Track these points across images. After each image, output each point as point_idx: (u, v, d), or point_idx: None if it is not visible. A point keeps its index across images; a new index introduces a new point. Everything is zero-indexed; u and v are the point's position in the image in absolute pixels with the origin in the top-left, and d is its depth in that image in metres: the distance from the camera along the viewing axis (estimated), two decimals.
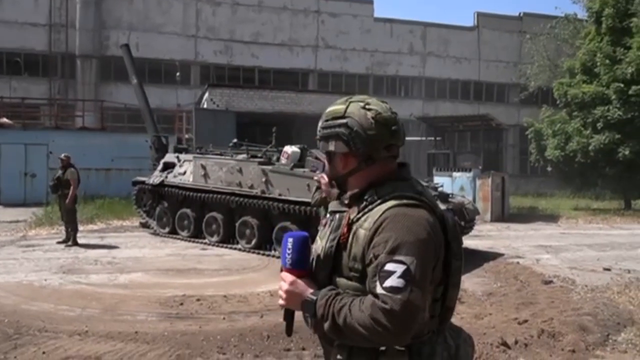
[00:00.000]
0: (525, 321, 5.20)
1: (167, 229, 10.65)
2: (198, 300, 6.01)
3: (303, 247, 1.52)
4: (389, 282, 1.34)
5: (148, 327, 5.04)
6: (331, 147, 1.58)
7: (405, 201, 1.46)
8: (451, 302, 1.57)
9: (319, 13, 27.62)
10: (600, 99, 17.08)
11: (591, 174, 18.32)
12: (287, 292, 1.51)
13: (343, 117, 1.56)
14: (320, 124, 1.63)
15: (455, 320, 5.19)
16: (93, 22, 23.94)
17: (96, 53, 23.99)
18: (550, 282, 7.31)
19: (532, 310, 5.78)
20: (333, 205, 1.65)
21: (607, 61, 17.30)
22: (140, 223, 11.64)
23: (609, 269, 8.24)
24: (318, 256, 1.54)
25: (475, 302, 6.25)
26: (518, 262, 8.71)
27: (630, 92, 16.44)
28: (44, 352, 4.30)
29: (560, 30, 23.58)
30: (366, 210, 1.50)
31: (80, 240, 9.56)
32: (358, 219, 1.49)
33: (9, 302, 5.81)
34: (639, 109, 16.50)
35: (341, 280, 1.48)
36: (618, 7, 17.75)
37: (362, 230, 1.46)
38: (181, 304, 5.86)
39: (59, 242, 9.48)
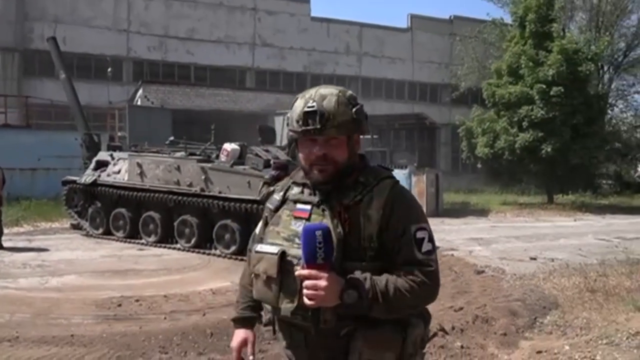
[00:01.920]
0: (461, 308, 5.46)
1: (100, 230, 10.24)
2: (137, 301, 5.84)
3: (330, 238, 1.46)
4: (425, 247, 1.53)
5: (84, 329, 4.85)
6: (365, 126, 1.65)
7: (394, 179, 1.63)
8: None
9: (255, 11, 27.44)
10: (525, 99, 18.02)
11: (517, 170, 19.32)
12: (326, 288, 1.43)
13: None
14: (345, 107, 1.58)
15: None
16: (15, 14, 22.54)
17: (19, 46, 22.60)
18: (483, 272, 7.69)
19: (466, 298, 6.07)
20: (303, 197, 1.64)
21: (531, 63, 18.29)
22: (71, 224, 11.12)
23: (535, 258, 8.78)
24: None
25: None
26: (452, 254, 9.08)
27: (551, 92, 17.47)
28: None
29: (488, 34, 24.69)
30: (364, 192, 1.57)
31: (5, 244, 9.02)
32: (358, 202, 1.55)
33: None
34: (559, 109, 17.57)
35: (354, 264, 1.51)
36: (540, 13, 18.83)
37: (373, 211, 1.54)
38: (119, 305, 5.67)
39: None
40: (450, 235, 11.47)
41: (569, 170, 18.54)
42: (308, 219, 1.58)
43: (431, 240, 1.56)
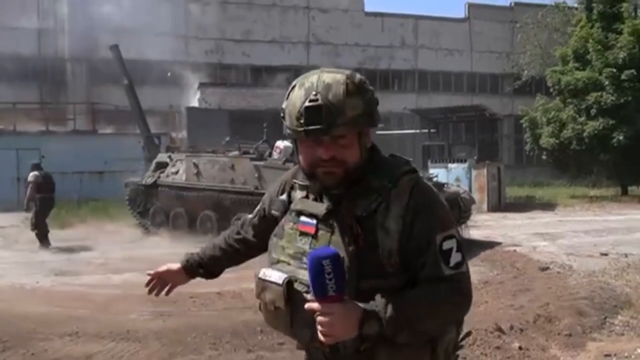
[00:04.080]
0: (522, 307, 5.16)
1: (161, 229, 10.57)
2: (191, 297, 5.93)
3: (340, 265, 1.24)
4: (453, 260, 1.32)
5: (140, 325, 4.97)
6: (377, 117, 1.37)
7: (414, 175, 1.38)
8: None
9: (308, 9, 27.50)
10: (593, 85, 17.06)
11: (586, 160, 18.28)
12: (341, 324, 1.24)
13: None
14: (356, 99, 1.32)
15: None
16: (82, 25, 23.76)
17: (86, 56, 23.81)
18: (547, 268, 7.27)
19: (528, 296, 5.75)
20: (308, 207, 1.40)
21: (599, 47, 17.27)
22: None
23: (606, 254, 8.21)
24: None
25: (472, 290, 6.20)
26: (515, 250, 8.67)
27: (622, 77, 16.44)
28: (33, 354, 4.23)
29: (552, 19, 23.52)
30: (379, 199, 1.33)
31: (73, 243, 9.52)
32: (373, 212, 1.33)
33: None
34: (632, 94, 16.48)
35: (372, 282, 1.30)
36: None
37: (390, 221, 1.31)
38: (174, 302, 5.73)
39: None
40: (512, 231, 10.98)
41: None
42: (315, 236, 1.36)
43: (460, 249, 1.33)
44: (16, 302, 5.86)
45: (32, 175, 9.78)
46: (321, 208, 1.37)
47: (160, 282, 1.81)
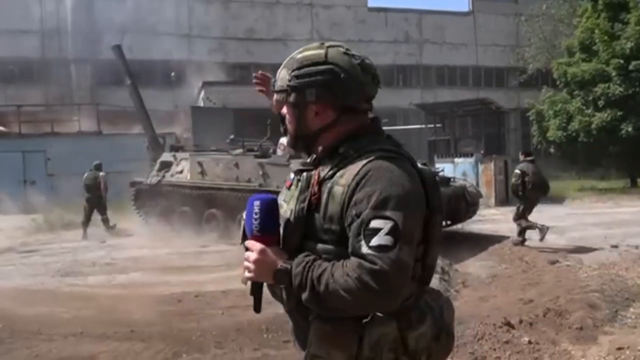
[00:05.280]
0: (531, 301, 5.07)
1: (167, 228, 10.53)
2: (196, 296, 5.90)
3: (271, 210, 1.36)
4: (376, 241, 1.22)
5: (144, 325, 4.92)
6: (310, 97, 1.39)
7: (385, 154, 1.34)
8: (432, 261, 1.42)
9: (312, 6, 27.40)
10: (600, 76, 16.86)
11: (595, 153, 18.08)
12: (256, 262, 1.35)
13: (325, 62, 1.39)
14: (286, 71, 1.43)
15: (459, 303, 5.03)
16: (85, 26, 23.81)
17: (90, 57, 23.85)
18: (557, 261, 7.16)
19: (538, 290, 5.65)
20: (296, 165, 1.58)
21: (606, 38, 17.07)
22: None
23: (616, 246, 8.09)
24: (287, 220, 1.38)
25: (480, 285, 6.12)
26: (523, 244, 8.54)
27: (630, 67, 16.24)
28: (36, 355, 4.20)
29: (557, 10, 23.29)
30: (341, 165, 1.35)
31: (80, 244, 9.54)
32: (332, 176, 1.35)
33: (4, 306, 5.68)
34: None
35: (314, 245, 1.33)
36: None
37: (339, 187, 1.31)
38: (179, 301, 5.75)
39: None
40: None
41: None
42: (289, 189, 1.46)
43: (394, 234, 1.22)
44: (21, 302, 5.82)
45: (101, 175, 11.54)
46: (297, 166, 1.50)
47: (265, 81, 1.94)
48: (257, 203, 1.36)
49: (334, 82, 1.37)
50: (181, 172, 10.38)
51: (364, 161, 1.31)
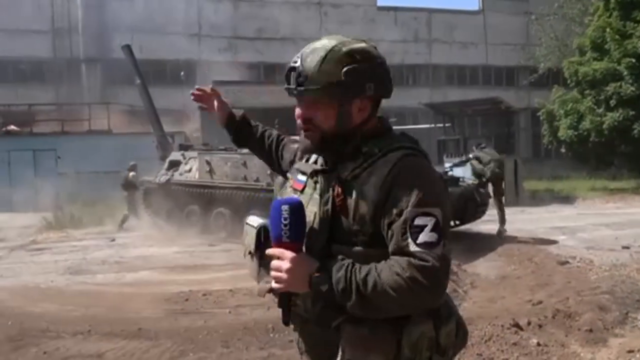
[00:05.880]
0: (540, 302, 5.02)
1: (175, 227, 10.57)
2: (204, 295, 5.91)
3: (301, 215, 1.28)
4: (422, 238, 1.23)
5: (152, 323, 4.94)
6: (369, 91, 1.35)
7: (410, 151, 1.33)
8: None
9: (320, 5, 27.38)
10: (612, 75, 16.65)
11: (606, 153, 17.88)
12: (290, 271, 1.25)
13: (379, 56, 1.39)
14: (334, 65, 1.32)
15: (468, 304, 4.98)
16: (96, 26, 23.97)
17: (100, 57, 24.02)
18: (567, 262, 7.09)
19: (547, 291, 5.60)
20: (302, 166, 1.46)
21: (617, 36, 16.84)
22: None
23: (628, 247, 7.99)
24: (311, 224, 1.33)
25: (489, 285, 6.07)
26: (532, 245, 8.48)
27: None
28: (45, 352, 4.22)
29: (568, 9, 23.07)
30: (365, 165, 1.32)
31: (90, 242, 9.60)
32: (356, 177, 1.31)
33: (14, 304, 5.75)
34: None
35: (342, 248, 1.29)
36: None
37: (370, 187, 1.28)
38: (186, 299, 5.76)
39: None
40: (530, 225, 10.78)
41: None
42: (302, 192, 1.38)
43: (437, 230, 1.24)
44: (30, 300, 5.88)
45: (131, 174, 11.90)
46: (314, 167, 1.41)
47: (204, 98, 1.88)
48: (285, 207, 1.25)
49: (386, 77, 1.39)
50: (190, 171, 10.41)
51: (394, 160, 1.30)
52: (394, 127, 1.47)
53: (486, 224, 10.45)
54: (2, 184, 16.41)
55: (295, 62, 1.36)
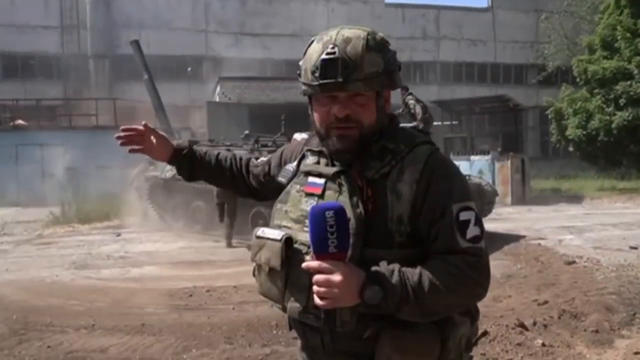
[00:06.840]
0: (546, 302, 4.97)
1: (181, 223, 10.59)
2: (208, 291, 5.91)
3: (345, 220, 1.13)
4: (470, 233, 1.20)
5: (155, 319, 4.94)
6: (399, 81, 1.31)
7: (432, 146, 1.30)
8: None
9: (328, 1, 27.32)
10: (621, 74, 16.50)
11: (615, 152, 17.73)
12: (341, 285, 1.11)
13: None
14: (376, 55, 1.24)
15: None
16: (104, 22, 24.05)
17: (108, 52, 24.10)
18: (573, 262, 7.03)
19: (553, 291, 5.55)
20: (317, 167, 1.34)
21: (628, 35, 16.68)
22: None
23: (635, 248, 7.91)
24: None
25: (494, 284, 6.01)
26: (539, 244, 8.43)
27: None
28: (48, 347, 4.23)
29: (578, 7, 22.87)
30: (393, 162, 1.25)
31: (95, 237, 9.62)
32: (386, 174, 1.24)
33: (19, 298, 5.78)
34: None
35: (378, 252, 1.19)
36: None
37: (405, 185, 1.21)
38: (190, 295, 5.77)
39: None
40: (537, 224, 10.70)
41: None
42: (321, 196, 1.26)
43: (478, 223, 1.22)
44: (34, 294, 5.90)
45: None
46: (331, 170, 1.29)
47: (135, 138, 1.57)
48: (330, 213, 1.10)
49: (398, 64, 1.34)
50: None
51: (424, 156, 1.25)
52: (403, 125, 1.42)
53: (492, 222, 10.39)
54: (9, 178, 16.53)
55: (333, 52, 1.22)
